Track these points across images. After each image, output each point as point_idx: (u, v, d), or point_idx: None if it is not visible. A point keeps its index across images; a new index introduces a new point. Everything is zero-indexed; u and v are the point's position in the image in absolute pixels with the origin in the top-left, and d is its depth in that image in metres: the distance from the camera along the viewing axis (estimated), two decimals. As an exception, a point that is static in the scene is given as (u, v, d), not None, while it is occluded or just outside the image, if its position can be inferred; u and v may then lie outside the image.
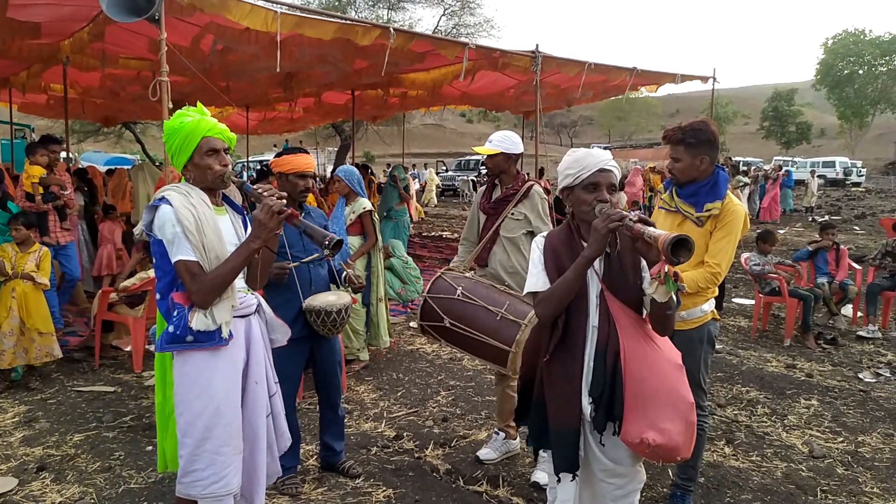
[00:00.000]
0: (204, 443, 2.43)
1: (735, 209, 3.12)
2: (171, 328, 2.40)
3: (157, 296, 2.53)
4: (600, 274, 2.34)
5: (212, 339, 2.41)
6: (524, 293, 2.45)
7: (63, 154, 7.23)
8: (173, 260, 2.39)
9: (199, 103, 2.60)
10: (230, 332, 2.46)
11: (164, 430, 2.77)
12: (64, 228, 6.82)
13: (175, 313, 2.41)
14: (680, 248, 1.97)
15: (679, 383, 2.28)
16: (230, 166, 2.58)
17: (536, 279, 2.40)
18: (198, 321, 2.38)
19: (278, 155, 3.67)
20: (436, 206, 24.54)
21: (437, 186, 25.54)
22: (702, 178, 3.14)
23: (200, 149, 2.49)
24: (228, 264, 2.42)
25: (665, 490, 3.61)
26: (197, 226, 2.41)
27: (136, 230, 2.56)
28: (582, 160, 2.36)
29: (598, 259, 2.31)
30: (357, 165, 12.58)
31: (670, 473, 3.62)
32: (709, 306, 3.22)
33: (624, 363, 2.24)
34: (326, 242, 2.37)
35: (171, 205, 2.40)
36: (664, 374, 2.26)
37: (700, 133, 3.08)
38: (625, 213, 2.16)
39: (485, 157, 3.99)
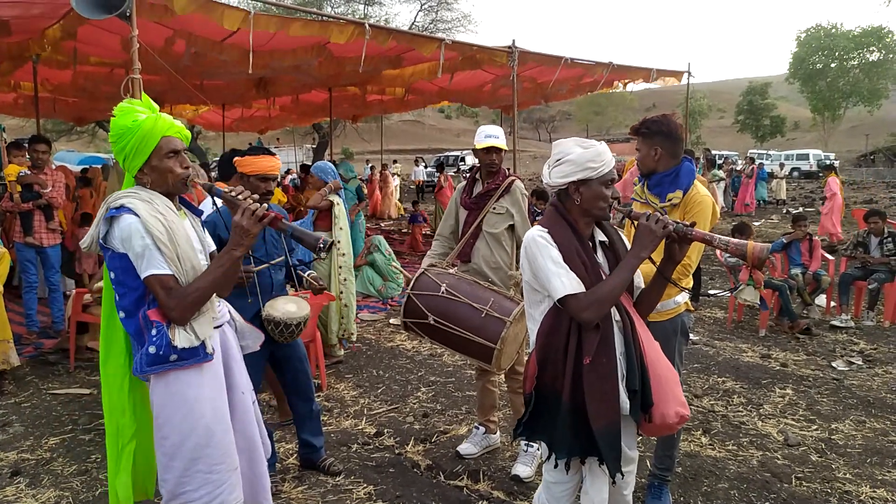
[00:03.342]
0: (195, 463, 2.27)
1: (701, 200, 3.14)
2: (151, 349, 2.19)
3: (121, 314, 2.30)
4: (605, 266, 2.38)
5: (196, 356, 2.25)
6: (557, 297, 2.25)
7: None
8: (144, 275, 2.19)
9: (144, 95, 2.38)
10: (212, 345, 2.32)
11: (116, 462, 2.47)
12: (50, 229, 6.67)
13: (154, 332, 2.21)
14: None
15: (667, 359, 2.42)
16: (191, 168, 2.39)
17: (569, 280, 2.24)
18: (181, 338, 2.21)
19: (243, 154, 3.59)
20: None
21: (412, 182, 25.37)
22: (663, 168, 3.19)
23: (160, 150, 2.27)
24: (209, 276, 2.25)
25: (643, 480, 3.64)
26: (169, 235, 2.21)
27: (84, 243, 2.31)
28: (605, 154, 2.32)
29: (601, 252, 2.40)
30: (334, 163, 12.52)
31: (648, 464, 3.66)
32: (682, 298, 3.26)
33: (644, 351, 2.32)
34: (320, 245, 2.23)
35: (136, 214, 2.18)
36: (660, 354, 2.38)
37: (654, 124, 3.16)
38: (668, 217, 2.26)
39: (475, 151, 4.01)
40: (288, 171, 18.48)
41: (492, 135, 3.94)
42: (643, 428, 2.38)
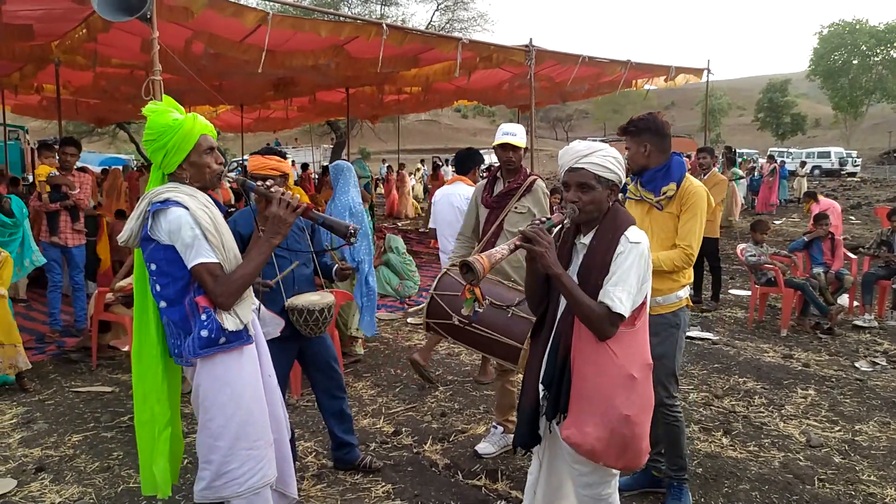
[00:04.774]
0: (238, 441, 2.41)
1: (695, 190, 3.22)
2: (203, 332, 2.32)
3: (162, 304, 2.39)
4: (573, 268, 2.40)
5: (240, 339, 2.41)
6: None
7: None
8: (192, 264, 2.30)
9: (167, 97, 2.50)
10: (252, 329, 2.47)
11: (151, 449, 2.52)
12: (75, 230, 6.78)
13: (204, 317, 2.34)
14: (464, 270, 2.16)
15: (619, 393, 2.26)
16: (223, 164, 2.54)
17: None
18: (229, 322, 2.35)
19: (254, 153, 3.66)
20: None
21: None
22: (654, 164, 3.25)
23: (199, 147, 2.41)
24: (252, 263, 2.40)
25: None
26: (215, 226, 2.36)
27: (122, 238, 2.43)
28: (560, 158, 2.40)
29: (576, 255, 2.43)
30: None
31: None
32: (684, 293, 3.28)
33: (572, 360, 2.31)
34: (351, 231, 2.41)
35: (184, 206, 2.31)
36: (607, 380, 2.27)
37: (642, 122, 3.24)
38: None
39: (497, 150, 4.00)
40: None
41: (509, 132, 3.92)
42: None
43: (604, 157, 2.33)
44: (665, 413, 3.30)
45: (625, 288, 2.24)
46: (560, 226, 2.34)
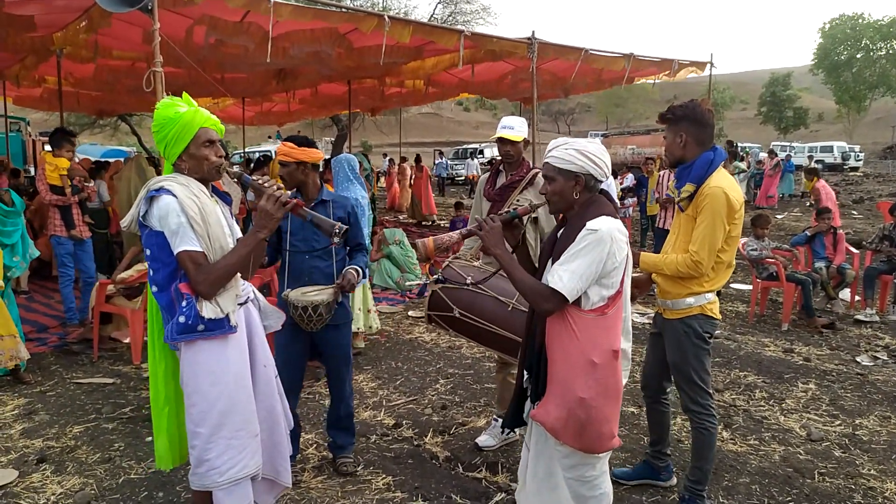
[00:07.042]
0: (220, 430, 2.44)
1: (710, 192, 3.00)
2: (181, 318, 2.38)
3: (154, 288, 2.47)
4: (551, 257, 2.47)
5: (221, 327, 2.43)
6: None
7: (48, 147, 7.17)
8: (177, 250, 2.36)
9: (185, 94, 2.58)
10: (236, 320, 2.49)
11: (158, 426, 2.69)
12: (86, 222, 6.77)
13: (184, 303, 2.39)
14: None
15: (578, 376, 2.34)
16: (223, 157, 2.58)
17: None
18: (207, 310, 2.39)
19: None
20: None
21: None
22: (691, 157, 3.07)
23: (198, 139, 2.47)
24: (236, 254, 2.43)
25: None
26: (202, 216, 2.41)
27: (124, 223, 2.54)
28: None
29: (551, 244, 2.52)
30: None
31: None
32: (696, 301, 3.11)
33: (547, 346, 2.42)
34: (336, 231, 2.43)
35: (173, 195, 2.37)
36: (569, 363, 2.37)
37: (680, 109, 3.07)
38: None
39: (496, 143, 3.98)
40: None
41: (506, 126, 3.91)
42: None
43: (564, 150, 2.41)
44: (691, 419, 3.25)
45: (568, 268, 2.31)
46: (527, 216, 2.57)
